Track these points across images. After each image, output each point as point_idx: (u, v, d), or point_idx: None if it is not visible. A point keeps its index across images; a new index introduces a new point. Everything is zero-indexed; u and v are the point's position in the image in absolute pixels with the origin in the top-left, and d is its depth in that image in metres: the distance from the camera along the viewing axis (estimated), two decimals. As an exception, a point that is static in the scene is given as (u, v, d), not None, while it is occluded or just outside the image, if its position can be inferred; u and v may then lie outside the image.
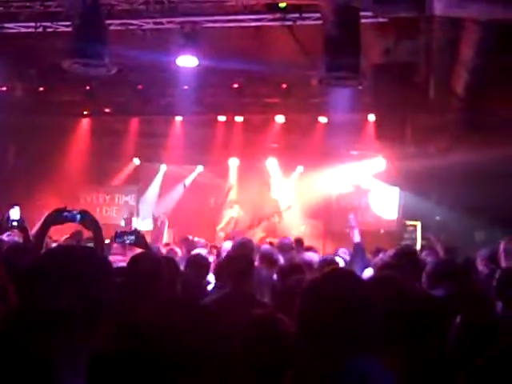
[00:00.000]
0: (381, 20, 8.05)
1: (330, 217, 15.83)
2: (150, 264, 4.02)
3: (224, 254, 7.58)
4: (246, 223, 15.55)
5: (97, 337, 1.92)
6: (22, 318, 1.88)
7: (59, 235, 8.77)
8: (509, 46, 8.53)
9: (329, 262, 6.18)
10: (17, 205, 5.76)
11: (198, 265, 6.55)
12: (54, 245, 6.38)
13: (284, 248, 8.14)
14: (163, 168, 17.32)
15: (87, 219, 4.26)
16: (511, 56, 9.09)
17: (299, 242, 9.83)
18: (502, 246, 6.15)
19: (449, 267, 5.22)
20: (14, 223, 5.55)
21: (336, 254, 8.40)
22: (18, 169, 15.22)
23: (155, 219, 14.81)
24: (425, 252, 8.76)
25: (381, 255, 8.50)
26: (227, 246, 8.53)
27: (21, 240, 6.14)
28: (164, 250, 8.81)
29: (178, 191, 17.26)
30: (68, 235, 8.91)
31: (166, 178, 17.39)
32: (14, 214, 5.60)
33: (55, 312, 1.83)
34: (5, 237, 6.42)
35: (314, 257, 7.41)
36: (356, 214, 9.00)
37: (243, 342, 3.10)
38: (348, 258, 8.07)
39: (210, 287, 6.33)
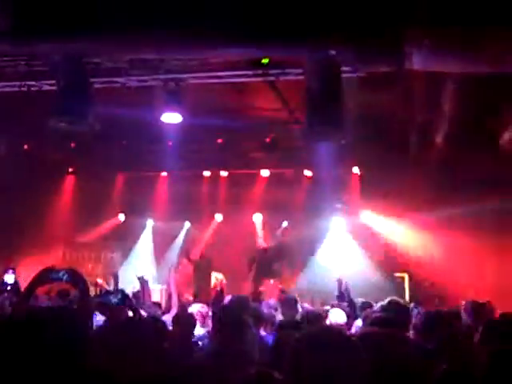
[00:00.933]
0: (361, 74, 8.18)
1: (315, 270, 15.75)
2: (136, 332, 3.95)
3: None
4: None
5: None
6: None
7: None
8: (485, 97, 8.70)
9: (312, 316, 6.15)
10: (12, 269, 5.73)
11: (185, 323, 6.50)
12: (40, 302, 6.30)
13: (287, 304, 8.09)
14: (149, 224, 17.25)
15: (74, 278, 4.19)
16: (488, 107, 9.26)
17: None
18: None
19: (437, 319, 5.24)
20: (8, 287, 5.52)
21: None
22: (2, 226, 15.10)
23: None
24: (413, 304, 8.76)
25: (370, 309, 8.49)
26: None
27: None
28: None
29: (174, 248, 17.15)
30: (55, 293, 8.81)
31: (154, 233, 17.31)
32: (9, 278, 5.57)
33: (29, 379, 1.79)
34: None
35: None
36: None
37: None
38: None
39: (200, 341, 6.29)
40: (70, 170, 16.29)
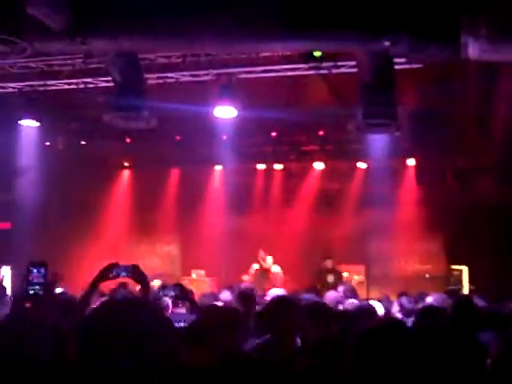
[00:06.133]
0: (415, 66, 8.05)
1: (371, 261, 15.67)
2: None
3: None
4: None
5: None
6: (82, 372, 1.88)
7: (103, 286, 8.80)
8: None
9: (365, 310, 6.07)
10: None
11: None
12: (101, 298, 6.42)
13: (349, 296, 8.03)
14: (204, 217, 17.34)
15: (137, 274, 4.25)
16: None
17: None
18: None
19: (496, 314, 5.12)
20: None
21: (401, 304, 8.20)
22: (61, 220, 15.46)
23: None
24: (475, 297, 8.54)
25: (428, 300, 8.30)
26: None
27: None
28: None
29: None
30: (114, 287, 8.99)
31: (208, 226, 17.40)
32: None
33: (111, 369, 1.83)
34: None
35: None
36: None
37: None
38: (411, 306, 7.80)
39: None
40: (126, 164, 16.53)
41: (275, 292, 7.48)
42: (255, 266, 15.05)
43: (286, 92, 10.62)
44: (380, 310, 6.96)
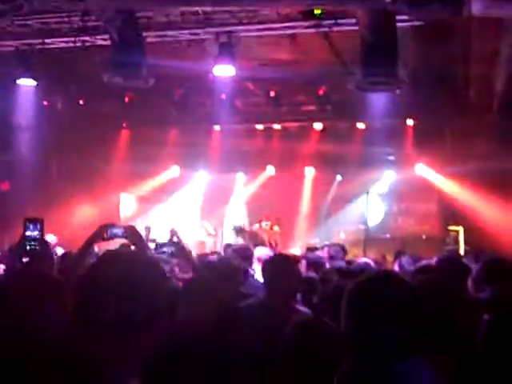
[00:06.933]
0: (417, 23, 7.98)
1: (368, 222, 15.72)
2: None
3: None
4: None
5: (151, 338, 1.93)
6: (81, 322, 1.90)
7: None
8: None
9: (363, 269, 6.09)
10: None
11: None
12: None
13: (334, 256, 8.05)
14: (202, 177, 17.37)
15: (132, 235, 4.25)
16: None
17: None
18: None
19: (496, 269, 5.11)
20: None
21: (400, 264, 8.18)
22: (59, 180, 15.46)
23: None
24: (468, 257, 8.58)
25: (424, 261, 8.29)
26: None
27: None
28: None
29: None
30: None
31: (206, 186, 17.44)
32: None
33: (119, 317, 1.85)
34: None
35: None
36: None
37: (288, 346, 3.09)
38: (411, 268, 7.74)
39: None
40: (124, 124, 16.46)
41: (262, 251, 7.39)
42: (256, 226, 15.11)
43: (285, 51, 10.52)
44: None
